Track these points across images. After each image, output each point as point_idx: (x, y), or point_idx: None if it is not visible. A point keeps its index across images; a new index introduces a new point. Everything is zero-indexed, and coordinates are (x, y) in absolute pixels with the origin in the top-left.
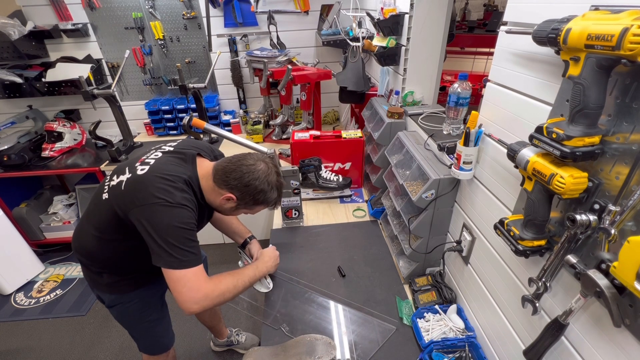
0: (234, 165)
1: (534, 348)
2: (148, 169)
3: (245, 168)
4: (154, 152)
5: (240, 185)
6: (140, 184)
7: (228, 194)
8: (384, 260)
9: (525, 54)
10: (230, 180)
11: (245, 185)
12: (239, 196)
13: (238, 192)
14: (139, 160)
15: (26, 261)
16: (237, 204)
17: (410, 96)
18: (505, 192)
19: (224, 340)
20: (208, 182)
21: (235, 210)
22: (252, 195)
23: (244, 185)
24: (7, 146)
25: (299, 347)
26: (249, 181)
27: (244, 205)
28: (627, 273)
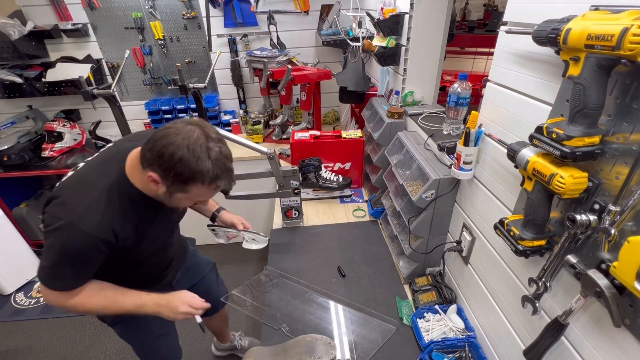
0: (151, 136)
1: (534, 348)
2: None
3: (161, 133)
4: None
5: (154, 159)
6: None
7: (150, 173)
8: (384, 260)
9: (525, 54)
10: (146, 154)
11: (159, 157)
12: (161, 174)
13: (158, 168)
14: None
15: (26, 261)
16: (167, 186)
17: (410, 96)
18: (505, 192)
19: (227, 345)
20: (137, 168)
21: (171, 196)
22: (171, 168)
23: (157, 156)
24: (7, 146)
25: (299, 347)
26: (161, 148)
27: (174, 187)
28: (627, 273)
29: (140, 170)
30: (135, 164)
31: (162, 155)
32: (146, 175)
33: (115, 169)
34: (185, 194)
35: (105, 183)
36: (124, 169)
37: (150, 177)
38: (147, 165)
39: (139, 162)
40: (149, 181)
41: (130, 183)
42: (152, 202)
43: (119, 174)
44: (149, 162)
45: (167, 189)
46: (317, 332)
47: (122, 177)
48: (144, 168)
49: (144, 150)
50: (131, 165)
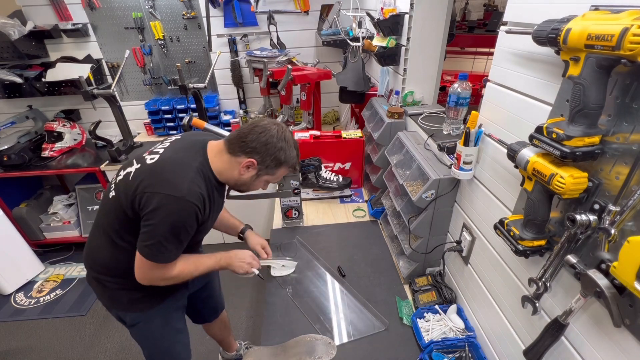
0: (247, 130)
1: (534, 348)
2: (158, 158)
3: (259, 128)
4: (162, 144)
5: (259, 146)
6: (149, 172)
7: (248, 160)
8: (384, 260)
9: (525, 54)
10: (247, 143)
11: (265, 144)
12: (260, 159)
13: (258, 155)
14: (147, 152)
15: (26, 261)
16: (259, 170)
17: (410, 96)
18: (505, 192)
19: (233, 354)
20: (222, 157)
21: (256, 179)
22: (272, 154)
23: (263, 145)
24: (7, 146)
25: (299, 347)
26: (267, 139)
27: (265, 170)
28: (627, 273)
29: (227, 157)
30: (218, 152)
31: (267, 144)
32: (237, 161)
33: (200, 154)
34: (272, 176)
35: (196, 165)
36: (207, 155)
37: (246, 163)
38: (244, 153)
39: (226, 151)
40: (242, 166)
41: (211, 168)
42: (222, 188)
43: (204, 158)
44: (250, 150)
45: (256, 172)
46: (314, 304)
47: (206, 162)
48: (236, 155)
49: (240, 141)
50: (212, 152)
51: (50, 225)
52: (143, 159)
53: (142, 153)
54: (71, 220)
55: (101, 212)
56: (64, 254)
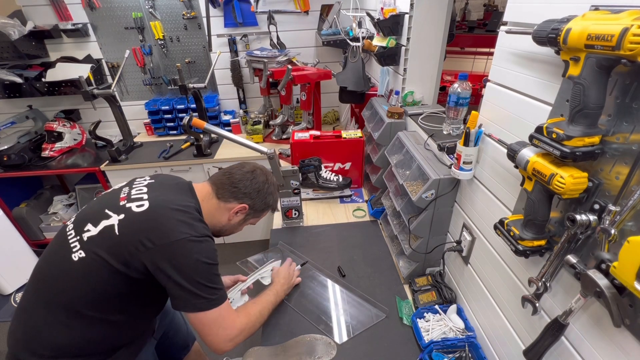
0: (239, 175)
1: (534, 348)
2: (149, 204)
3: (250, 175)
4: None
5: (252, 192)
6: (152, 222)
7: (240, 206)
8: (384, 260)
9: (525, 54)
10: (240, 189)
11: (257, 191)
12: (251, 204)
13: (250, 200)
14: (120, 199)
15: (26, 261)
16: (247, 214)
17: (410, 96)
18: (505, 192)
19: None
20: (210, 202)
21: (242, 223)
22: (263, 199)
23: (256, 192)
24: (7, 146)
25: (299, 347)
26: (260, 186)
27: (253, 214)
28: (627, 273)
29: (216, 203)
30: (206, 197)
31: (260, 191)
32: (227, 207)
33: (192, 197)
34: (256, 219)
35: (192, 205)
36: (197, 198)
37: (239, 208)
38: (236, 199)
39: (214, 197)
40: (233, 212)
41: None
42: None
43: (197, 201)
44: (242, 195)
45: (244, 217)
46: (314, 306)
47: (199, 205)
48: (226, 201)
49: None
50: (203, 197)
51: (50, 225)
52: (125, 208)
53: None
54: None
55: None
56: None
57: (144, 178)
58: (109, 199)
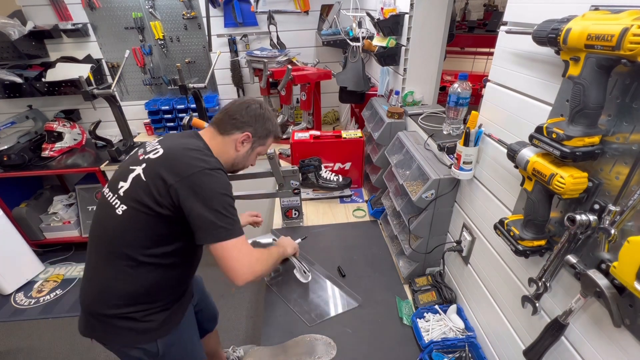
0: (234, 108)
1: (534, 348)
2: (164, 150)
3: (244, 105)
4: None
5: (250, 120)
6: (170, 161)
7: (243, 134)
8: (384, 260)
9: (525, 54)
10: (239, 119)
11: (254, 117)
12: (253, 131)
13: (251, 128)
14: (140, 155)
15: (26, 261)
16: (253, 142)
17: (410, 96)
18: (505, 192)
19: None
20: (216, 139)
21: (251, 152)
22: (262, 124)
23: (254, 118)
24: (7, 146)
25: (299, 348)
26: (255, 112)
27: (258, 141)
28: (627, 273)
29: (221, 139)
30: (211, 137)
31: (258, 116)
32: (232, 139)
33: (200, 140)
34: (263, 147)
35: (202, 145)
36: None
37: (242, 137)
38: (238, 129)
39: (218, 133)
40: (238, 142)
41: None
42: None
43: (205, 143)
44: (243, 124)
45: (251, 145)
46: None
47: (207, 147)
48: (230, 133)
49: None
50: (208, 138)
51: (50, 225)
52: (144, 159)
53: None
54: (71, 220)
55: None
56: (64, 254)
57: (155, 139)
58: (129, 160)
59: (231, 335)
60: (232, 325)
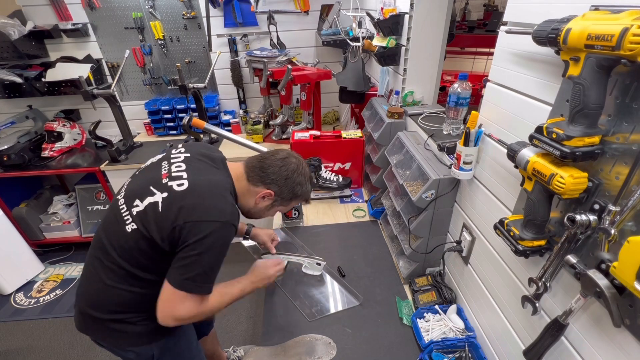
0: (270, 161)
1: (534, 348)
2: (189, 184)
3: (280, 162)
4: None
5: (280, 180)
6: (186, 200)
7: (266, 191)
8: (384, 260)
9: (525, 54)
10: (269, 175)
11: (285, 178)
12: (278, 191)
13: (277, 187)
14: (162, 177)
15: (26, 261)
16: (274, 201)
17: (410, 96)
18: (505, 192)
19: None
20: (241, 183)
21: (270, 208)
22: (291, 188)
23: (284, 179)
24: (7, 146)
25: (299, 347)
26: (289, 174)
27: (280, 202)
28: (627, 273)
29: (246, 185)
30: (239, 177)
31: (288, 179)
32: (255, 190)
33: (228, 176)
34: (284, 207)
35: (227, 186)
36: (231, 176)
37: (263, 194)
38: (264, 184)
39: (245, 179)
40: (259, 196)
41: (235, 191)
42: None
43: (231, 179)
44: (270, 181)
45: (271, 203)
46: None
47: (232, 184)
48: (255, 185)
49: (261, 172)
50: (236, 176)
51: (50, 225)
52: (167, 186)
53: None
54: (71, 220)
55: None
56: (64, 254)
57: (179, 150)
58: (152, 175)
59: (231, 335)
60: (232, 325)
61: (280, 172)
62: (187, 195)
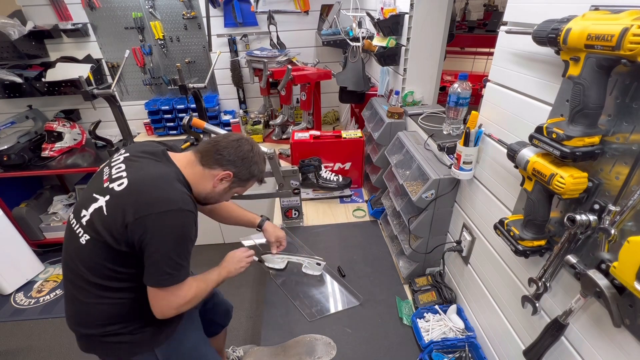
0: (224, 142)
1: (534, 348)
2: (129, 181)
3: (235, 143)
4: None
5: (237, 160)
6: (134, 196)
7: (224, 172)
8: (384, 260)
9: (525, 54)
10: (224, 156)
11: (242, 159)
12: (236, 172)
13: (234, 168)
14: (104, 181)
15: (26, 261)
16: (232, 182)
17: (410, 96)
18: (505, 192)
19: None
20: (194, 169)
21: (228, 191)
22: (247, 167)
23: (241, 159)
24: (7, 146)
25: (299, 347)
26: (245, 154)
27: (238, 183)
28: (627, 273)
29: (200, 170)
30: (188, 164)
31: (245, 158)
32: (212, 173)
33: (171, 165)
34: (242, 188)
35: (173, 175)
36: (176, 165)
37: (222, 176)
38: (220, 166)
39: (198, 163)
40: (217, 179)
41: (185, 179)
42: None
43: (176, 169)
44: (227, 162)
45: (229, 185)
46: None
47: (179, 172)
48: (211, 168)
49: (217, 154)
50: (181, 163)
51: (50, 225)
52: (108, 189)
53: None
54: None
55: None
56: None
57: (120, 153)
58: (95, 183)
59: (231, 335)
60: (232, 325)
61: (236, 153)
62: (129, 192)
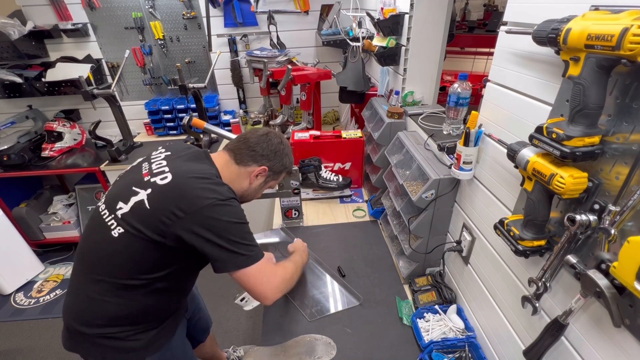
0: (255, 139)
1: (534, 348)
2: (173, 176)
3: (265, 137)
4: (154, 163)
5: (270, 154)
6: (179, 191)
7: (259, 168)
8: (384, 260)
9: (525, 54)
10: (258, 152)
11: (275, 152)
12: (270, 165)
13: (268, 162)
14: (144, 175)
15: (26, 261)
16: (267, 176)
17: (410, 96)
18: (505, 192)
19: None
20: (230, 169)
21: (263, 186)
22: (280, 160)
23: (273, 153)
24: (7, 146)
25: (299, 347)
26: (276, 147)
27: (272, 176)
28: (627, 273)
29: (236, 169)
30: (225, 164)
31: (277, 152)
32: (248, 171)
33: (212, 165)
34: (275, 181)
35: (214, 172)
36: (216, 166)
37: (259, 170)
38: (255, 162)
39: (234, 163)
40: (254, 175)
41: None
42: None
43: (216, 170)
44: (261, 157)
45: (265, 179)
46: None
47: (217, 173)
48: (246, 165)
49: (250, 151)
50: (222, 164)
51: (50, 225)
52: (150, 182)
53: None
54: (71, 220)
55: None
56: (64, 254)
57: (159, 151)
58: (132, 177)
59: (231, 335)
60: (232, 325)
61: (269, 147)
62: (174, 187)
